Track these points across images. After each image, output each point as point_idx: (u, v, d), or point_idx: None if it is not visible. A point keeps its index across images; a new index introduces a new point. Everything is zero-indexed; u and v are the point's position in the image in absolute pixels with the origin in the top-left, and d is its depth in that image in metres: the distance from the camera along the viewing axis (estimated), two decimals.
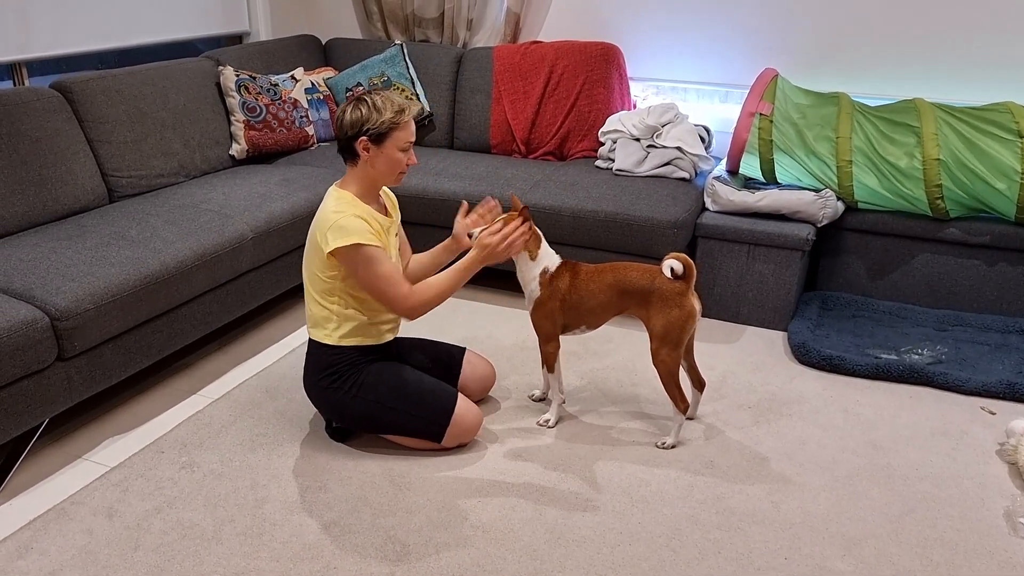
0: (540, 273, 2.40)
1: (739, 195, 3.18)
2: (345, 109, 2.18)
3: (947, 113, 3.03)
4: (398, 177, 2.26)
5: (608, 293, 2.37)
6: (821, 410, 2.66)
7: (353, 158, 2.22)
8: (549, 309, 2.40)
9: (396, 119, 2.16)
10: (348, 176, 2.26)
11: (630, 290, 2.34)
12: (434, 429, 2.34)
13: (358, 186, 2.24)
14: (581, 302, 2.39)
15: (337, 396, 2.31)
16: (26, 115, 2.83)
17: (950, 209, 3.04)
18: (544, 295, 2.40)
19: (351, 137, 2.17)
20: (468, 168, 3.56)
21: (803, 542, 2.06)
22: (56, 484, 2.26)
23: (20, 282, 2.33)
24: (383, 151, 2.18)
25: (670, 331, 2.30)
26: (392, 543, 2.03)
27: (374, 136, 2.16)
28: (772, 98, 3.14)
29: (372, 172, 2.22)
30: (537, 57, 3.83)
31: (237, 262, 2.82)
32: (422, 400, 2.32)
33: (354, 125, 2.16)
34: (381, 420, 2.33)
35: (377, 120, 2.14)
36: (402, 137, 2.18)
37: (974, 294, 3.15)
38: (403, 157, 2.21)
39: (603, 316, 2.42)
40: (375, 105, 2.15)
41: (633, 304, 2.36)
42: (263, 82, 3.67)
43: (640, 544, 2.04)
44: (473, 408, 2.39)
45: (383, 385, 2.31)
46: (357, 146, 2.18)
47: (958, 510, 2.19)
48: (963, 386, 2.74)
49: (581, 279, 2.39)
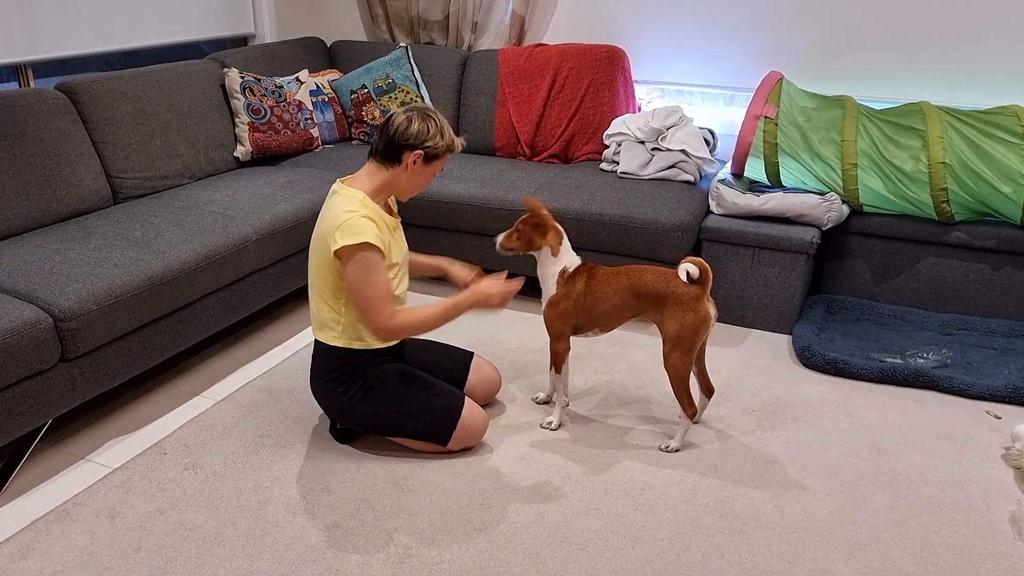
0: (559, 272, 2.41)
1: (744, 198, 3.18)
2: (411, 117, 2.16)
3: (953, 116, 3.02)
4: (410, 194, 2.30)
5: (623, 296, 2.36)
6: (825, 414, 2.65)
7: (391, 163, 2.20)
8: (563, 309, 2.40)
9: (451, 146, 2.23)
10: (364, 175, 2.23)
11: (645, 293, 2.33)
12: (440, 432, 2.33)
13: (374, 188, 2.22)
14: (595, 304, 2.38)
15: (344, 399, 2.31)
16: (31, 116, 2.83)
17: (955, 213, 3.03)
18: (559, 294, 2.40)
19: (406, 146, 2.17)
20: (473, 171, 3.56)
21: (807, 546, 2.05)
22: (59, 485, 2.26)
23: (24, 283, 2.33)
24: (425, 170, 2.22)
25: (683, 335, 2.29)
26: (395, 546, 2.03)
27: (428, 155, 2.19)
28: (777, 101, 3.14)
29: (401, 183, 2.23)
30: (542, 60, 3.83)
31: (241, 264, 2.82)
32: (429, 404, 2.31)
33: (417, 136, 2.16)
34: (387, 423, 2.32)
35: (438, 142, 2.18)
36: (442, 165, 2.26)
37: (980, 298, 3.14)
38: (430, 182, 2.30)
39: (617, 319, 2.41)
40: (441, 128, 2.19)
41: (648, 307, 2.35)
42: (268, 84, 3.68)
43: (643, 548, 2.04)
44: (479, 412, 2.39)
45: (390, 388, 2.30)
46: (406, 155, 2.17)
47: (963, 515, 2.17)
48: (968, 390, 2.73)
49: (597, 281, 2.39)
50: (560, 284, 2.40)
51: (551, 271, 2.41)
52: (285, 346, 3.06)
